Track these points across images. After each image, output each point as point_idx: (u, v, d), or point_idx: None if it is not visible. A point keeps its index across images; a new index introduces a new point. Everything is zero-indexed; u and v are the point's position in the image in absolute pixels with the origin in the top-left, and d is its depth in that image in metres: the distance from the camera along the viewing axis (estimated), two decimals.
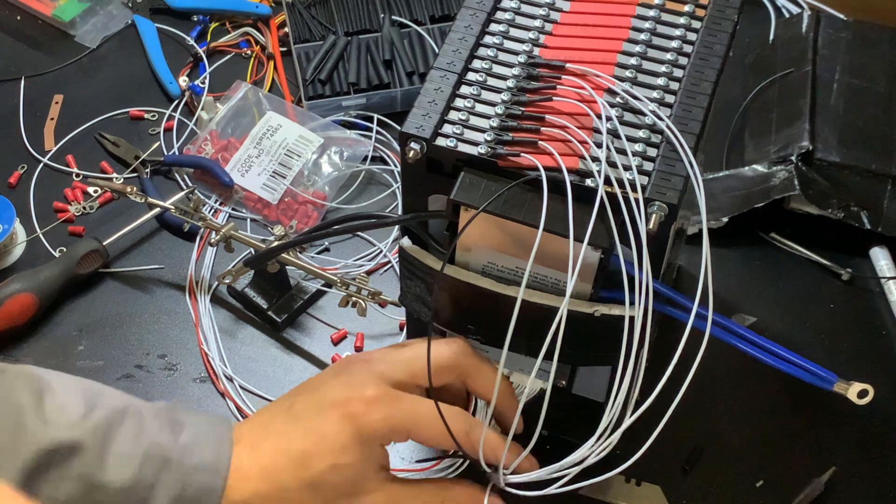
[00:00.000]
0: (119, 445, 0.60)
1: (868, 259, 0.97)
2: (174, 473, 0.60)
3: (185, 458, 0.61)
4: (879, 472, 0.85)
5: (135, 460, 0.59)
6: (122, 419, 0.61)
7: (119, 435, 0.60)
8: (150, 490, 0.59)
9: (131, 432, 0.61)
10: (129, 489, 0.59)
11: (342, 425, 0.62)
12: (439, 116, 0.65)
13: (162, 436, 0.61)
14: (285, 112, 1.05)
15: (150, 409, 0.63)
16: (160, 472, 0.60)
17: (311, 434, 0.63)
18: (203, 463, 0.61)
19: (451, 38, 0.69)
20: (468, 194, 0.63)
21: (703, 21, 0.70)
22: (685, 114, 0.65)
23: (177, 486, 0.60)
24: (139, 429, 0.61)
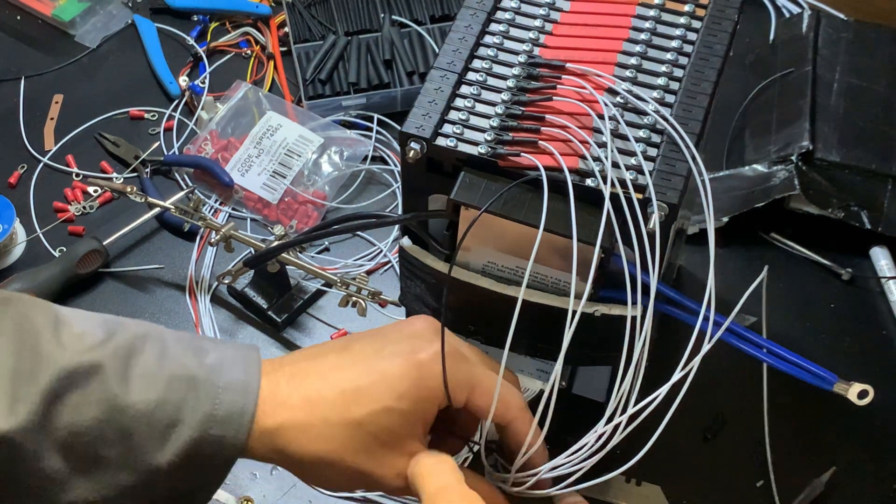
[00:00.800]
0: (142, 367, 0.56)
1: (868, 259, 0.97)
2: (202, 392, 0.56)
3: (212, 377, 0.57)
4: (879, 472, 0.85)
5: (160, 381, 0.56)
6: (143, 343, 0.58)
7: (141, 357, 0.57)
8: (177, 410, 0.56)
9: (154, 354, 0.57)
10: (154, 410, 0.55)
11: (406, 370, 0.59)
12: (439, 116, 0.65)
13: (187, 358, 0.58)
14: (285, 112, 1.05)
15: (173, 335, 0.60)
16: (187, 392, 0.56)
17: (371, 373, 0.59)
18: (232, 382, 0.57)
19: (452, 37, 0.69)
20: (468, 194, 0.63)
21: (703, 21, 0.70)
22: (685, 113, 0.65)
23: (206, 405, 0.56)
24: (162, 352, 0.58)
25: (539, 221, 0.60)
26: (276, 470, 0.84)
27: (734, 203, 0.96)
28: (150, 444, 0.55)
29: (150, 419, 0.55)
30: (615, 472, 0.65)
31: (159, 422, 0.55)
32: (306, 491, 0.83)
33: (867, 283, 0.95)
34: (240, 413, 0.56)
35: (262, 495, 0.83)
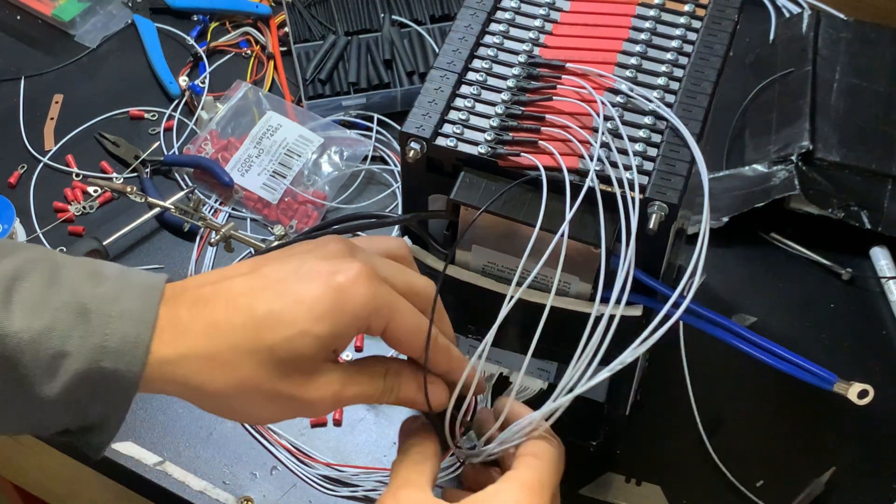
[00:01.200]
0: (27, 293, 0.53)
1: (868, 259, 0.97)
2: (93, 322, 0.52)
3: (105, 306, 0.53)
4: (879, 472, 0.85)
5: (45, 309, 0.52)
6: (32, 269, 0.54)
7: (27, 282, 0.53)
8: (63, 340, 0.52)
9: (42, 281, 0.53)
10: (38, 339, 0.51)
11: (324, 292, 0.54)
12: (439, 116, 0.65)
13: (80, 285, 0.54)
14: (285, 112, 1.05)
15: (71, 261, 0.56)
16: (75, 321, 0.52)
17: (285, 296, 0.54)
18: (127, 311, 0.53)
19: (452, 37, 0.69)
20: (468, 194, 0.63)
21: (703, 21, 0.70)
22: (685, 113, 0.65)
23: (95, 336, 0.52)
24: (52, 278, 0.54)
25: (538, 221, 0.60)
26: (276, 470, 0.84)
27: (734, 203, 0.96)
28: (37, 375, 0.52)
29: (34, 349, 0.52)
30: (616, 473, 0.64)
31: (45, 352, 0.52)
32: (306, 490, 0.83)
33: (867, 283, 0.95)
34: (133, 344, 0.52)
35: (262, 495, 0.83)
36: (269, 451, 0.85)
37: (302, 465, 0.85)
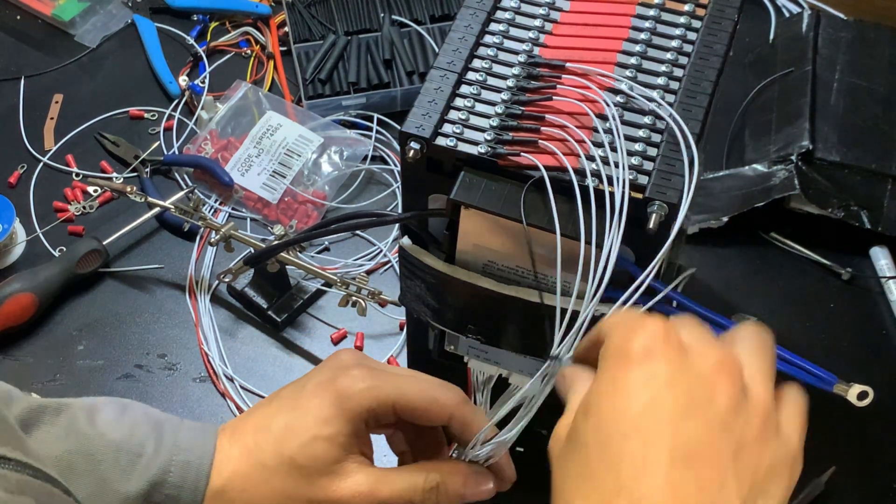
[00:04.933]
0: (105, 414, 0.61)
1: (868, 259, 0.97)
2: (165, 439, 0.61)
3: (172, 434, 0.62)
4: (879, 472, 0.85)
5: (123, 427, 0.60)
6: (104, 402, 0.62)
7: (104, 409, 0.61)
8: (141, 447, 0.60)
9: (117, 411, 0.62)
10: (120, 445, 0.59)
11: (325, 397, 0.61)
12: (439, 116, 0.65)
13: (149, 409, 0.63)
14: (285, 111, 1.05)
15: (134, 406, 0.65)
16: (151, 437, 0.61)
17: (294, 410, 0.61)
18: (189, 442, 0.61)
19: (452, 37, 0.69)
20: (468, 194, 0.63)
21: (703, 21, 0.70)
22: (685, 113, 0.65)
23: (165, 453, 0.60)
24: (124, 411, 0.62)
25: (538, 221, 0.60)
26: None
27: (734, 203, 0.96)
28: (116, 473, 0.59)
29: (116, 450, 0.59)
30: None
31: (126, 456, 0.59)
32: None
33: (867, 283, 0.95)
34: (196, 472, 0.60)
35: None
36: None
37: None
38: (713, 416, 0.45)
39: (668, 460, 0.43)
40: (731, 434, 0.45)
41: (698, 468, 0.44)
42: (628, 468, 0.44)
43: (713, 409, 0.45)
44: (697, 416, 0.45)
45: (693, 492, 0.43)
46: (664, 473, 0.43)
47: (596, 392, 0.47)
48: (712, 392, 0.45)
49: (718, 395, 0.45)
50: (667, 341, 0.47)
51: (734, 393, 0.46)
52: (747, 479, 0.45)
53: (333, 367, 0.63)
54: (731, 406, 0.45)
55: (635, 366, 0.46)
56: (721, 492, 0.43)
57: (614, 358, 0.47)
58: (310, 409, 0.61)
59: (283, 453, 0.60)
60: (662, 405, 0.45)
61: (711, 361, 0.47)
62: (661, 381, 0.45)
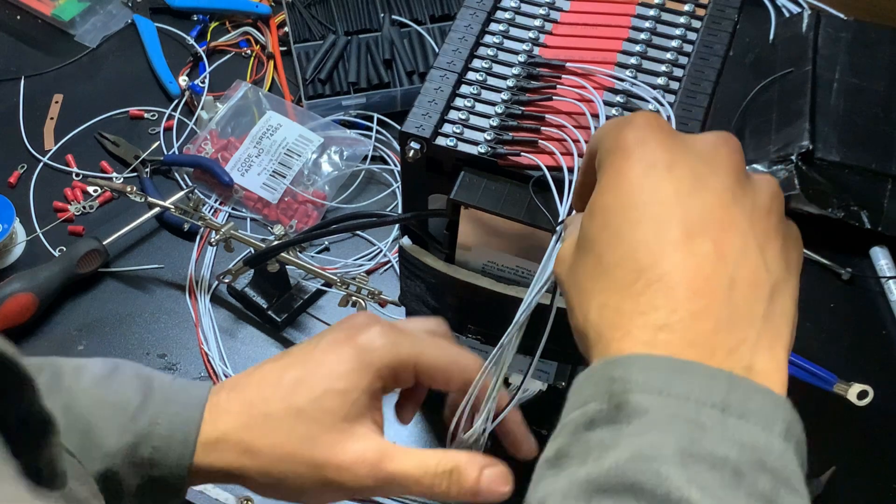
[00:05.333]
0: (94, 370, 0.58)
1: (868, 258, 0.97)
2: (155, 395, 0.57)
3: (161, 389, 0.58)
4: (879, 472, 0.85)
5: (111, 383, 0.58)
6: (89, 361, 0.60)
7: (96, 366, 0.59)
8: (128, 402, 0.57)
9: (106, 368, 0.59)
10: (105, 400, 0.57)
11: (343, 352, 0.57)
12: (439, 116, 0.65)
13: (140, 369, 0.60)
14: (285, 111, 1.05)
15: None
16: (139, 391, 0.57)
17: (308, 363, 0.57)
18: (180, 395, 0.58)
19: (452, 37, 0.69)
20: (468, 194, 0.63)
21: (703, 20, 0.70)
22: (685, 113, 0.65)
23: (155, 407, 0.57)
24: (114, 369, 0.60)
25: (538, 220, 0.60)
26: None
27: None
28: (100, 429, 0.55)
29: (100, 405, 0.56)
30: None
31: (111, 407, 0.56)
32: None
33: (867, 283, 0.95)
34: (185, 423, 0.56)
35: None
36: None
37: None
38: (721, 188, 0.43)
39: (683, 235, 0.42)
40: (741, 203, 0.43)
41: (715, 236, 0.42)
42: (644, 252, 0.42)
43: (719, 181, 0.43)
44: (705, 190, 0.43)
45: (714, 259, 0.41)
46: (682, 247, 0.42)
47: (599, 192, 0.45)
48: (715, 166, 0.44)
49: (721, 169, 0.44)
50: (659, 128, 0.45)
51: (738, 164, 0.44)
52: (767, 242, 0.43)
53: (349, 326, 0.59)
54: (737, 178, 0.44)
55: (633, 157, 0.44)
56: (744, 254, 0.42)
57: (610, 157, 0.45)
58: (325, 363, 0.57)
59: (291, 405, 0.56)
60: (667, 187, 0.43)
61: (709, 139, 0.45)
62: (661, 166, 0.44)
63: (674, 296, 0.41)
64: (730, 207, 0.43)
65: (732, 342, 0.41)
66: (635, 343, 0.41)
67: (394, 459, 0.56)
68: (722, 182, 0.43)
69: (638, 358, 0.41)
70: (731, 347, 0.41)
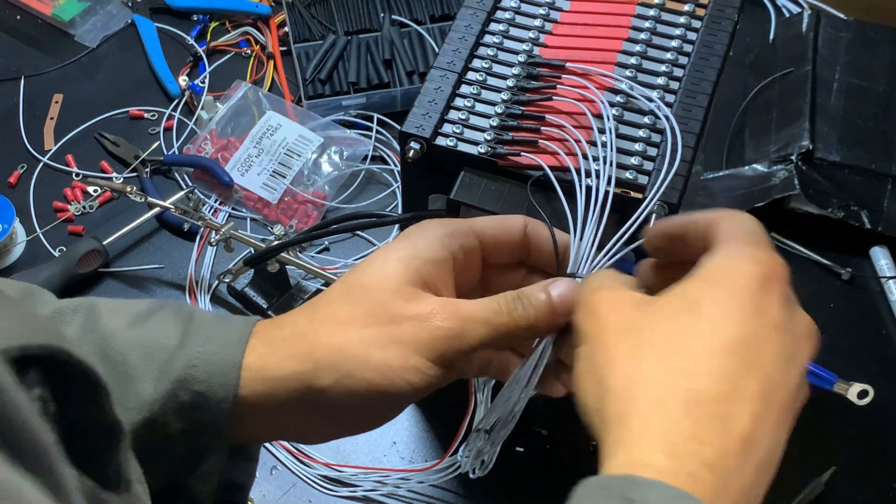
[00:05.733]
0: (132, 309, 0.54)
1: (868, 258, 0.97)
2: (190, 337, 0.53)
3: (204, 316, 0.54)
4: (879, 472, 0.85)
5: (149, 325, 0.53)
6: (143, 303, 0.55)
7: (136, 306, 0.55)
8: (167, 343, 0.52)
9: (146, 308, 0.55)
10: (142, 343, 0.52)
11: (404, 238, 0.54)
12: (439, 116, 0.65)
13: (180, 306, 0.56)
14: (285, 111, 1.05)
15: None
16: (178, 331, 0.53)
17: (373, 257, 0.54)
18: (219, 339, 0.53)
19: (452, 37, 0.69)
20: (468, 194, 0.63)
21: (703, 21, 0.70)
22: (685, 113, 0.65)
23: (194, 345, 0.52)
24: (157, 308, 0.55)
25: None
26: (275, 470, 0.84)
27: (734, 203, 0.96)
28: (138, 374, 0.51)
29: (138, 348, 0.52)
30: None
31: (147, 350, 0.52)
32: (306, 490, 0.83)
33: (867, 283, 0.95)
34: (224, 362, 0.52)
35: (262, 495, 0.83)
36: (269, 451, 0.85)
37: (302, 465, 0.85)
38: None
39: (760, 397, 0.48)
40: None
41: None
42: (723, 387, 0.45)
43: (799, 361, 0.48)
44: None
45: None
46: (754, 404, 0.47)
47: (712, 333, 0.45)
48: (798, 351, 0.47)
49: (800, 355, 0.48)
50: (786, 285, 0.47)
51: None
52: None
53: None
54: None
55: (765, 300, 0.45)
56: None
57: (757, 281, 0.46)
58: (387, 249, 0.54)
59: (353, 282, 0.53)
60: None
61: (812, 336, 0.48)
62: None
63: (726, 444, 0.44)
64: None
65: (694, 466, 0.43)
66: (671, 469, 0.43)
67: (467, 304, 0.53)
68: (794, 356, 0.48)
69: (659, 486, 0.42)
70: (690, 473, 0.43)
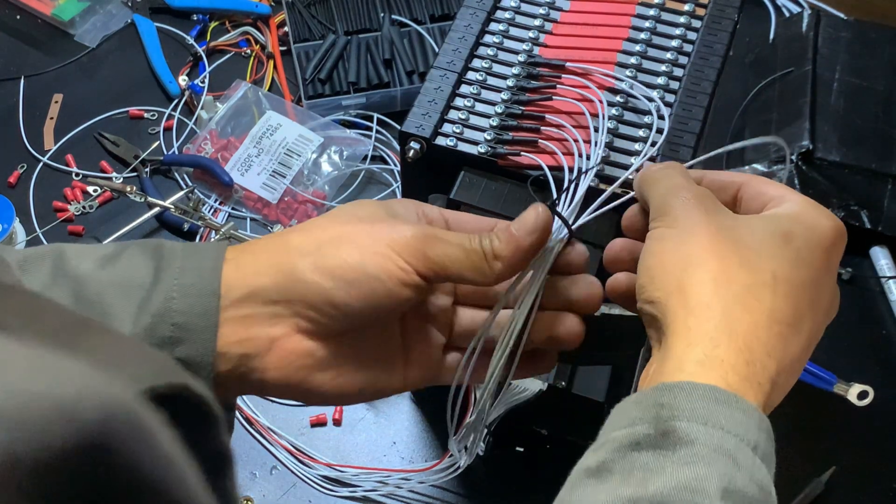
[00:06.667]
0: (100, 251, 0.52)
1: (868, 258, 0.97)
2: (164, 271, 0.51)
3: (174, 248, 0.52)
4: (879, 472, 0.85)
5: (119, 263, 0.51)
6: (110, 245, 0.53)
7: (103, 248, 0.53)
8: (140, 280, 0.50)
9: (113, 249, 0.53)
10: (114, 282, 0.50)
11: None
12: (439, 116, 0.65)
13: (146, 242, 0.53)
14: (285, 111, 1.05)
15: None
16: (150, 266, 0.51)
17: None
18: (193, 269, 0.51)
19: (452, 37, 0.69)
20: (468, 194, 0.63)
21: (703, 20, 0.70)
22: (685, 113, 0.65)
23: (171, 269, 0.51)
24: (123, 248, 0.53)
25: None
26: (275, 470, 0.84)
27: None
28: (113, 314, 0.50)
29: (110, 287, 0.50)
30: None
31: (121, 288, 0.50)
32: (306, 490, 0.83)
33: (867, 283, 0.95)
34: (201, 288, 0.50)
35: (262, 495, 0.83)
36: (269, 451, 0.85)
37: (301, 465, 0.85)
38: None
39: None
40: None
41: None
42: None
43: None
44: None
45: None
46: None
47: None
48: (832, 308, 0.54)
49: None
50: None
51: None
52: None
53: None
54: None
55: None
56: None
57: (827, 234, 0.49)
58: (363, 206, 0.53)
59: (325, 222, 0.52)
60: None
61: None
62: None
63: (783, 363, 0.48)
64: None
65: (764, 378, 0.46)
66: (745, 375, 0.45)
67: (440, 229, 0.53)
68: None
69: (686, 385, 0.44)
70: (760, 383, 0.46)
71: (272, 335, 0.51)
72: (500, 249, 0.51)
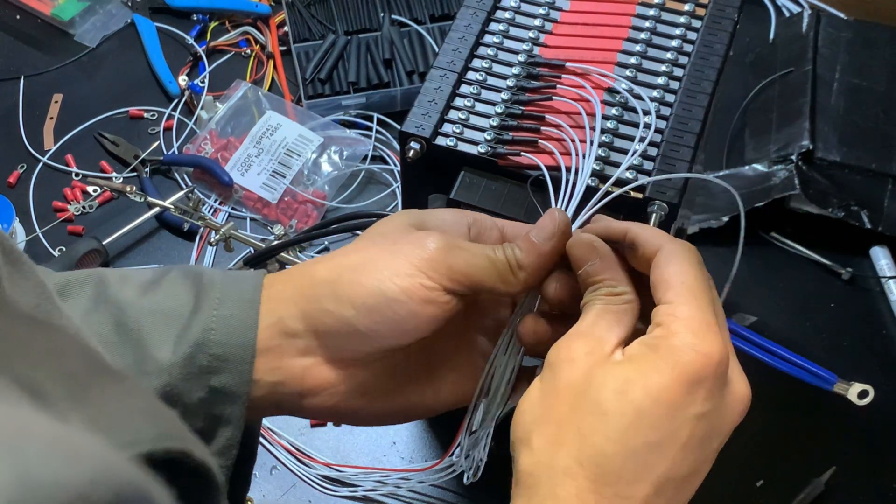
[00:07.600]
0: (140, 278, 0.53)
1: (868, 258, 0.97)
2: (203, 300, 0.52)
3: (214, 277, 0.53)
4: (879, 472, 0.85)
5: (159, 290, 0.53)
6: (149, 270, 0.55)
7: (142, 274, 0.54)
8: (180, 308, 0.52)
9: (153, 275, 0.54)
10: (155, 309, 0.52)
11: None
12: (439, 116, 0.65)
13: (187, 268, 0.55)
14: (285, 111, 1.05)
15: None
16: (190, 294, 0.52)
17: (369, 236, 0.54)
18: (233, 298, 0.52)
19: (452, 37, 0.69)
20: (468, 194, 0.63)
21: (703, 20, 0.70)
22: (685, 113, 0.65)
23: (210, 301, 0.52)
24: (163, 274, 0.54)
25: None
26: (275, 470, 0.84)
27: (734, 203, 0.96)
28: (153, 341, 0.51)
29: (151, 315, 0.51)
30: None
31: (161, 316, 0.52)
32: (306, 490, 0.83)
33: (867, 283, 0.95)
34: (242, 322, 0.51)
35: (262, 495, 0.83)
36: (269, 451, 0.85)
37: (301, 465, 0.85)
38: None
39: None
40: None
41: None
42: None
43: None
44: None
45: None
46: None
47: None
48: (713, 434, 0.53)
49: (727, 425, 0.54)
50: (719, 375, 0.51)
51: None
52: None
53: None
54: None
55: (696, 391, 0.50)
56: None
57: (686, 366, 0.49)
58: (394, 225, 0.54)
59: (355, 251, 0.53)
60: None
61: (741, 406, 0.53)
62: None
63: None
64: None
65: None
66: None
67: (464, 240, 0.53)
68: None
69: None
70: None
71: (303, 364, 0.53)
72: (522, 259, 0.51)
